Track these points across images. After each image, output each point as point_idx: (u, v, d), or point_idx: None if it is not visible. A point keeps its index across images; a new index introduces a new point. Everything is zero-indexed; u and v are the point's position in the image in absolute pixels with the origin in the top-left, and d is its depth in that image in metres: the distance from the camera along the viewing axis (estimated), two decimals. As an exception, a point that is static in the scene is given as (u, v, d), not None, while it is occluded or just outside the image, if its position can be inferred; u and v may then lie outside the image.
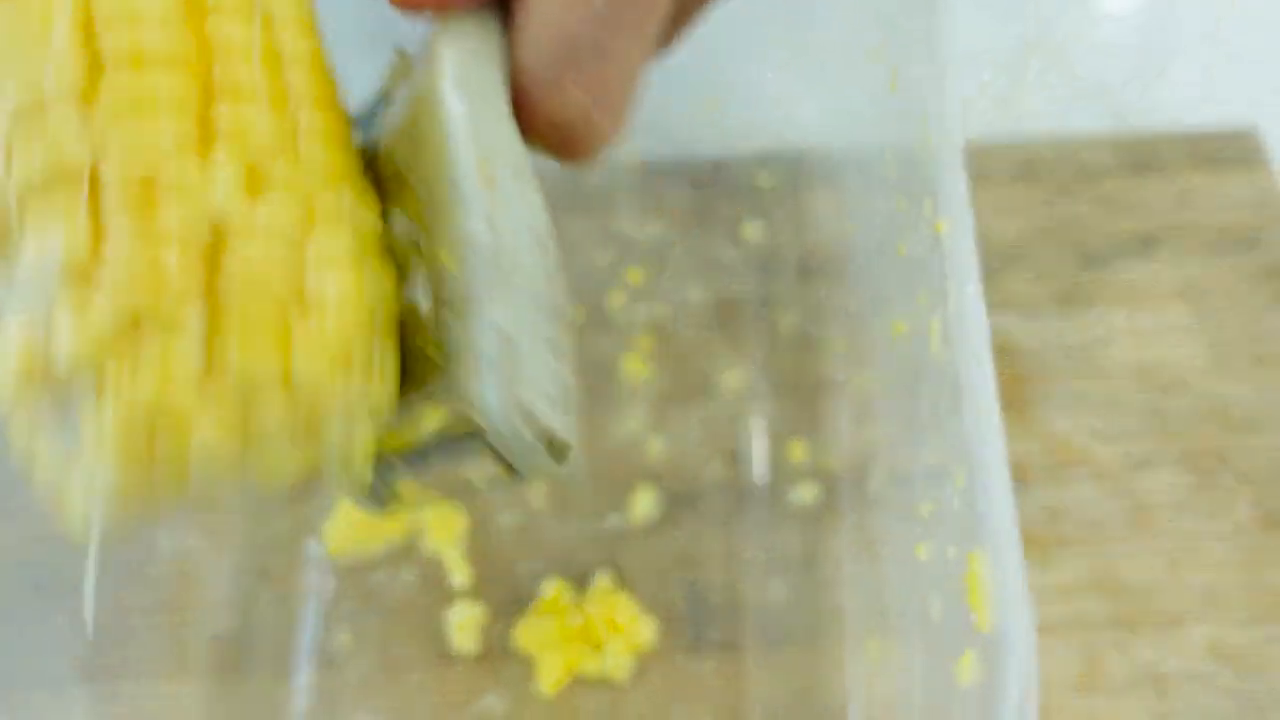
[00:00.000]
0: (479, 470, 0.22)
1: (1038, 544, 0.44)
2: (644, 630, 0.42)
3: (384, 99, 0.24)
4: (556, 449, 0.21)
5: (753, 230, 0.52)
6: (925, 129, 0.36)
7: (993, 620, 0.28)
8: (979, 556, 0.29)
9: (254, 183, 0.19)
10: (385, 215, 0.22)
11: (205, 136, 0.19)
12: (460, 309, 0.21)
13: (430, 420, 0.22)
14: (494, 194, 0.21)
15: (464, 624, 0.42)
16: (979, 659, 0.28)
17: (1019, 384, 0.50)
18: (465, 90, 0.21)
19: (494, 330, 0.20)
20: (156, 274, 0.17)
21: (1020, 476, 0.45)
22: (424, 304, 0.21)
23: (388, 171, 0.22)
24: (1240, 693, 0.44)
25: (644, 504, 0.45)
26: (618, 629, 0.42)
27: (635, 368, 0.48)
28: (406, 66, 0.24)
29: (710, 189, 0.53)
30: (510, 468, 0.22)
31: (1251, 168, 0.54)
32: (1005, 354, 0.51)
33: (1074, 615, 0.44)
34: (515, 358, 0.21)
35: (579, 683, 0.41)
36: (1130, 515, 0.46)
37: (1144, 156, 0.54)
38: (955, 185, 0.33)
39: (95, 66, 0.18)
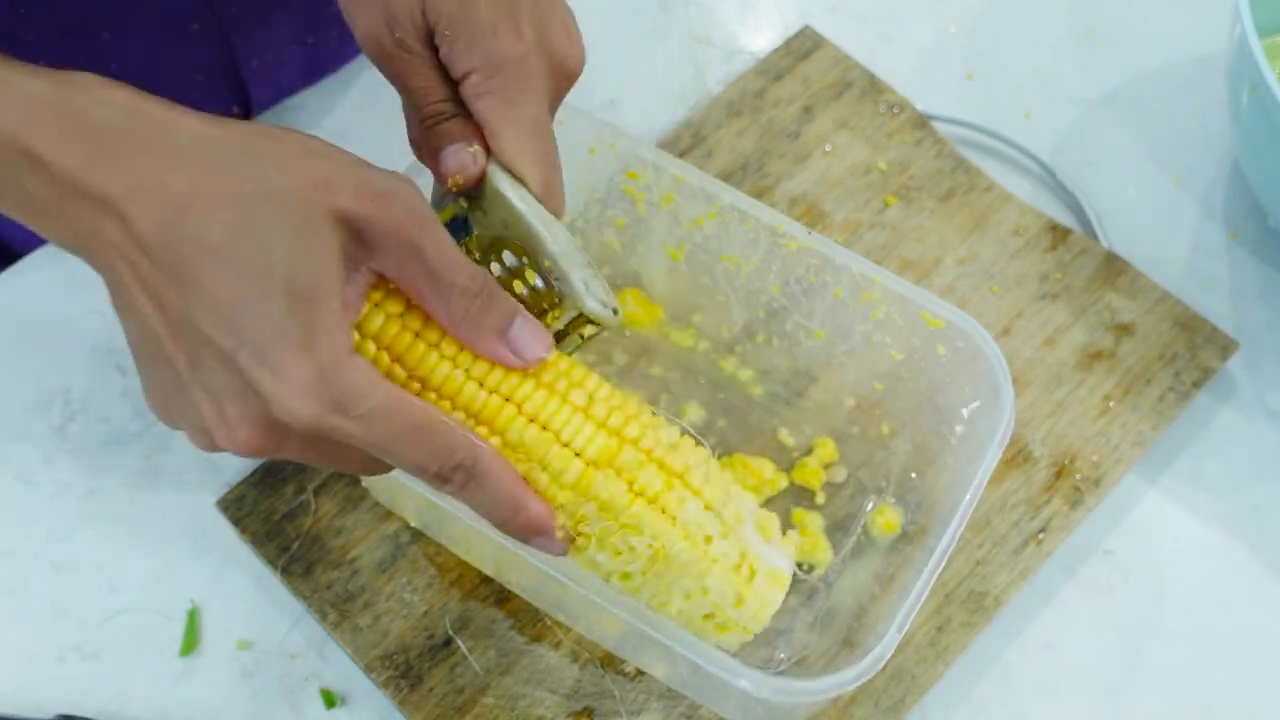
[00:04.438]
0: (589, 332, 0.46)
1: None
2: None
3: (466, 215, 0.46)
4: (616, 311, 0.45)
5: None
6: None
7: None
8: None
9: (690, 486, 0.45)
10: (495, 255, 0.46)
11: (669, 481, 0.44)
12: (564, 274, 0.44)
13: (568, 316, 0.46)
14: (557, 224, 0.45)
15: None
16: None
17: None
18: (521, 193, 0.45)
19: (582, 276, 0.44)
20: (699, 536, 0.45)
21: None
22: (541, 284, 0.45)
23: (486, 238, 0.46)
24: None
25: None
26: None
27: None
28: (471, 199, 0.46)
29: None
30: (600, 328, 0.45)
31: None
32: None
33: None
34: (592, 282, 0.45)
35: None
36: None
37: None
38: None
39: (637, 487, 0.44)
